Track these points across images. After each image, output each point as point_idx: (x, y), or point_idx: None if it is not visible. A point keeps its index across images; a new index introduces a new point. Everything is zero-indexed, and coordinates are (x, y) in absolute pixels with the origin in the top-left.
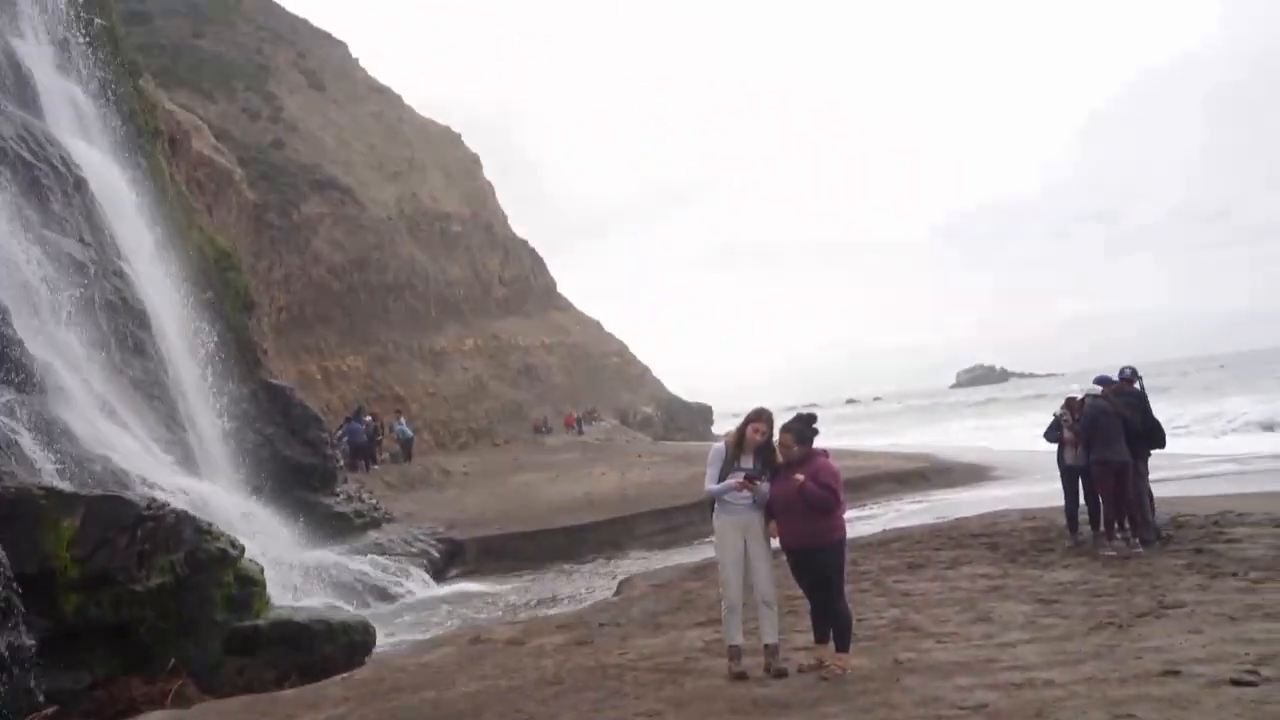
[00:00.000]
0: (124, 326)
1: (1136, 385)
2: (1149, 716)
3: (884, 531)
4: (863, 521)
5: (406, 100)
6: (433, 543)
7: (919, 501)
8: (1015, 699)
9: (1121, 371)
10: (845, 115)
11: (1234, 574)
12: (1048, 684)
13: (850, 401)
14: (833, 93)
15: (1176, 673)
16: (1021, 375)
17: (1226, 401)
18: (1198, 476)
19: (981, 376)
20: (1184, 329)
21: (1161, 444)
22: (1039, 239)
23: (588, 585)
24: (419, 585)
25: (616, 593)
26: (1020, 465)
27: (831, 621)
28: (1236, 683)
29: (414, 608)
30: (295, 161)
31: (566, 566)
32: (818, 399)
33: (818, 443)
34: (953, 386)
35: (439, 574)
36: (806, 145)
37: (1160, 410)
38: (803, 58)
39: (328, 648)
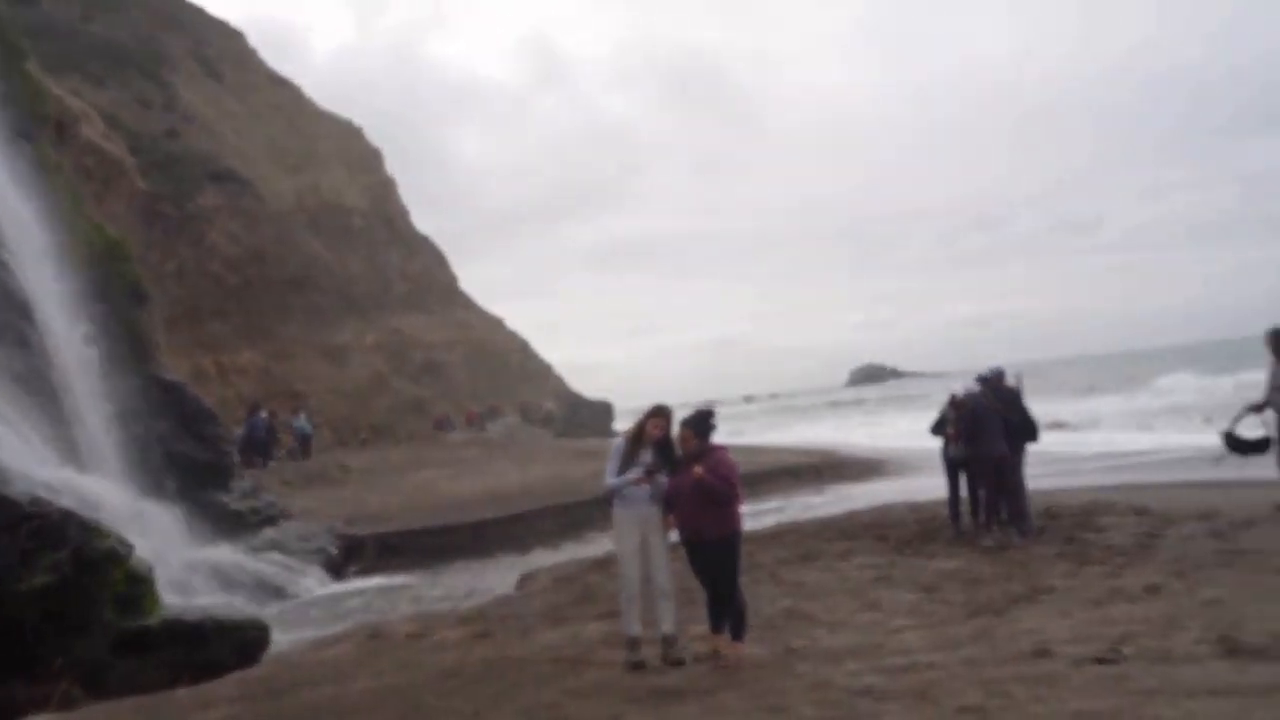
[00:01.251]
0: (5, 319)
1: (1014, 383)
2: (1021, 694)
3: (779, 524)
4: (759, 515)
5: (307, 93)
6: (331, 539)
7: (813, 495)
8: (900, 681)
9: (991, 371)
10: (747, 115)
11: (1099, 560)
12: (930, 666)
13: (748, 399)
14: (735, 93)
15: (1047, 653)
16: (911, 374)
17: (1098, 399)
18: (1070, 470)
19: (873, 375)
20: (1061, 331)
21: (1036, 439)
22: (928, 245)
23: (489, 580)
24: (317, 582)
25: (518, 587)
26: (909, 460)
27: (727, 612)
28: (1100, 661)
29: (312, 605)
30: (191, 152)
31: (468, 562)
32: (717, 396)
33: (716, 438)
34: (846, 385)
35: (338, 571)
36: (709, 145)
37: (1035, 407)
38: (707, 57)
39: (221, 647)
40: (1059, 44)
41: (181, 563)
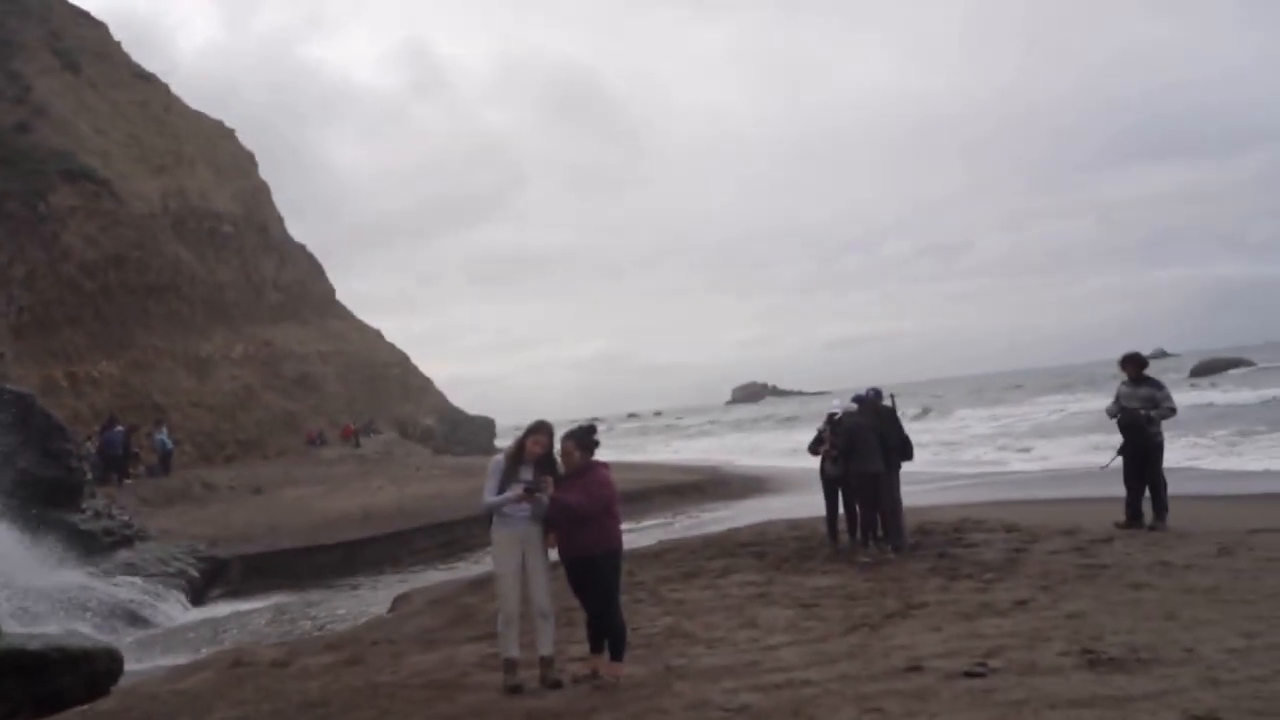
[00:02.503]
0: None
1: (889, 403)
2: (894, 709)
3: (660, 542)
4: (641, 532)
5: (175, 90)
6: (192, 561)
7: (695, 513)
8: (776, 699)
9: (868, 390)
10: (627, 132)
11: (970, 575)
12: (805, 683)
13: (632, 415)
14: (615, 110)
15: (919, 668)
16: (791, 392)
17: (969, 417)
18: (943, 487)
19: (755, 393)
20: (933, 352)
21: (910, 457)
22: (805, 265)
23: (361, 602)
24: (176, 607)
25: (391, 609)
26: (789, 478)
27: (607, 631)
28: (969, 674)
29: (171, 632)
30: (43, 147)
31: (339, 584)
32: (601, 412)
33: (601, 455)
34: (729, 403)
35: (199, 595)
36: (590, 161)
37: (910, 426)
38: (587, 73)
39: (66, 678)
40: (931, 75)
41: (25, 588)
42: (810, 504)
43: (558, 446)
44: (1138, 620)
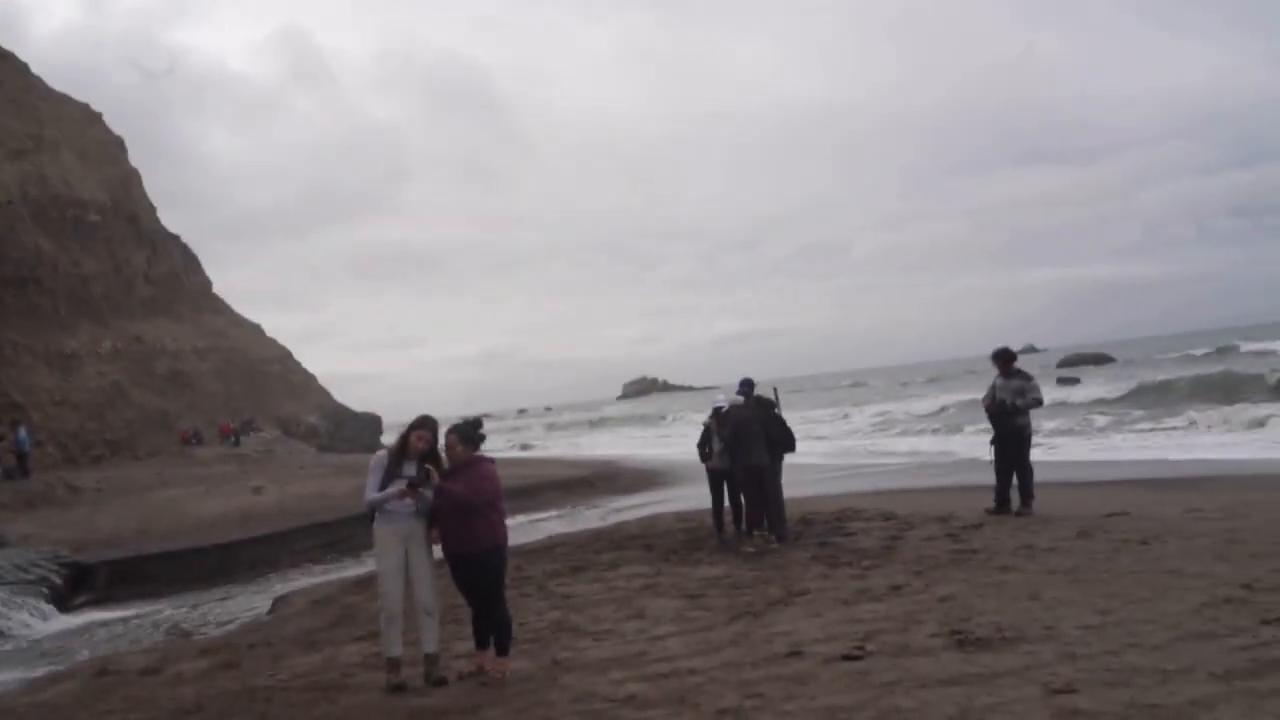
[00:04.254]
0: None
1: (770, 396)
2: (774, 693)
3: (549, 537)
4: (530, 527)
5: (35, 70)
6: (54, 568)
7: (584, 507)
8: (662, 688)
9: (742, 382)
10: (517, 129)
11: (849, 563)
12: (691, 672)
13: (522, 411)
14: (504, 105)
15: (799, 653)
16: (681, 387)
17: (853, 410)
18: (825, 478)
19: (645, 388)
20: (818, 346)
21: (792, 449)
22: (693, 263)
23: (239, 606)
24: (36, 616)
25: (270, 611)
26: (677, 471)
27: (492, 627)
28: (847, 658)
29: (31, 642)
30: None
31: (216, 587)
32: (490, 408)
33: (491, 451)
34: (620, 398)
35: (63, 603)
36: (478, 156)
37: (794, 418)
38: (475, 69)
39: None
40: (814, 77)
41: None
42: (698, 496)
43: (442, 442)
44: (1004, 601)
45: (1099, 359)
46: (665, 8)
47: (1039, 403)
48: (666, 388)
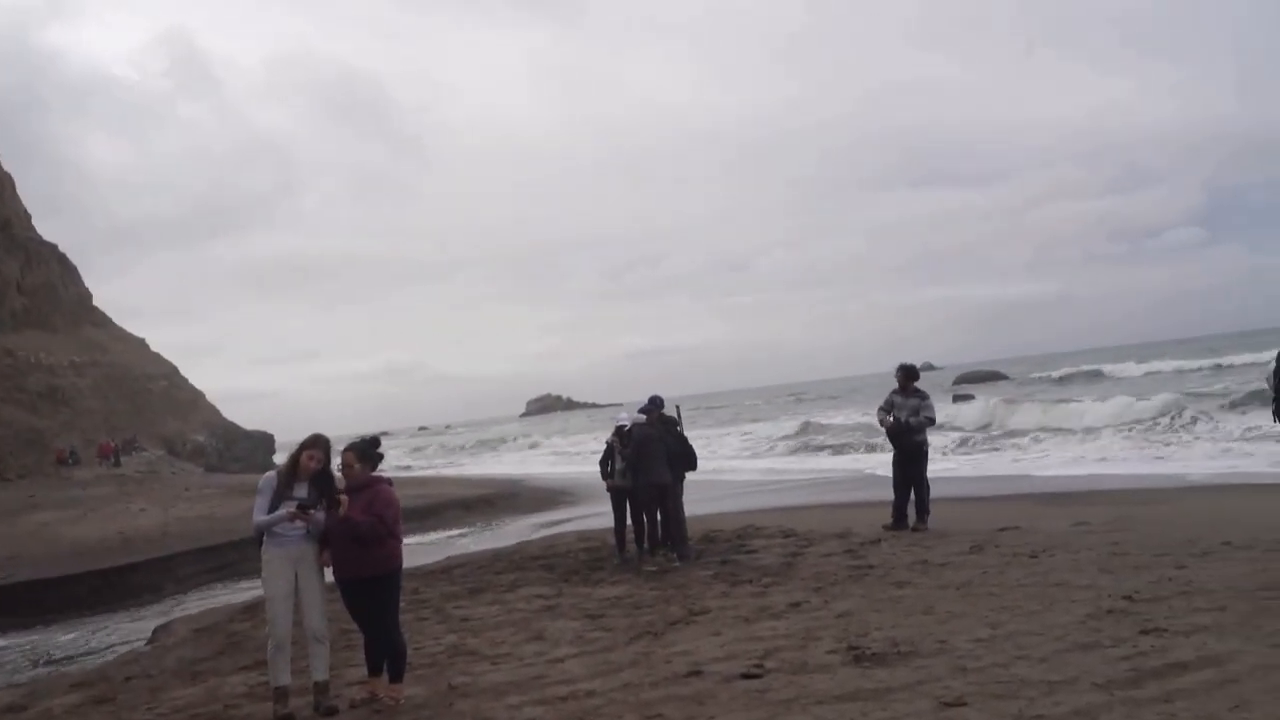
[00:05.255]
0: None
1: (673, 414)
2: (673, 714)
3: (448, 558)
4: (428, 548)
5: None
6: None
7: (486, 528)
8: (560, 711)
9: (649, 401)
10: (415, 139)
11: (750, 580)
12: (590, 694)
13: (422, 428)
14: (401, 116)
15: (699, 672)
16: (586, 404)
17: (756, 427)
18: (727, 495)
19: (550, 405)
20: (722, 363)
21: (694, 467)
22: (598, 277)
23: (117, 636)
24: None
25: (150, 641)
26: (580, 489)
27: (386, 652)
28: (746, 676)
29: None
30: None
31: (92, 617)
32: (389, 425)
33: (390, 469)
34: (523, 415)
35: None
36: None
37: (697, 436)
38: (370, 78)
39: None
40: (719, 92)
41: None
42: (601, 515)
43: (336, 461)
44: (899, 616)
45: (992, 376)
46: (565, 21)
47: (932, 421)
48: (571, 405)
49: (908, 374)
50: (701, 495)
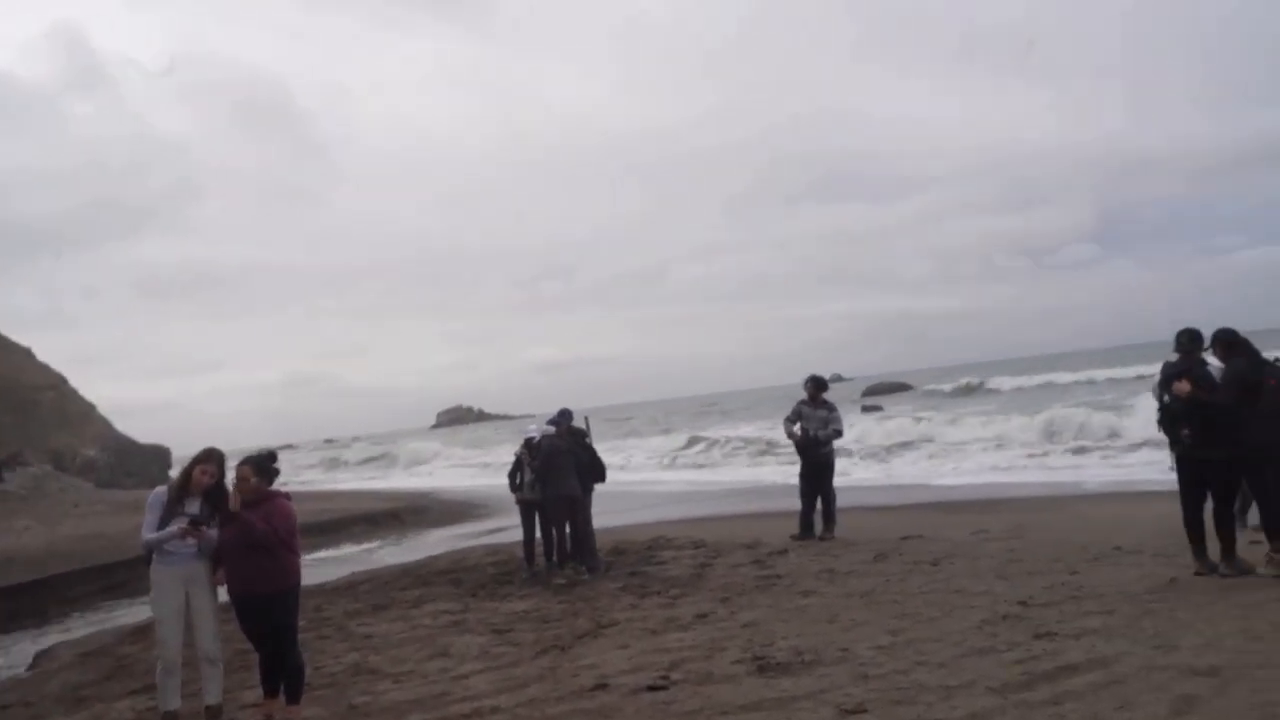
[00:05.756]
0: None
1: (582, 426)
2: None
3: (352, 574)
4: (332, 564)
5: None
6: None
7: (394, 542)
8: None
9: (559, 413)
10: (321, 145)
11: (659, 592)
12: (494, 710)
13: (329, 441)
14: (306, 121)
15: (605, 685)
16: (498, 416)
17: (670, 438)
18: (638, 505)
19: (461, 417)
20: (636, 375)
21: (602, 479)
22: (508, 288)
23: None
24: None
25: (31, 666)
26: (491, 502)
27: (283, 673)
28: (652, 688)
29: None
30: None
31: None
32: (295, 438)
33: (295, 483)
34: (434, 426)
35: None
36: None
37: (605, 447)
38: (274, 81)
39: None
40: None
41: None
42: (512, 529)
43: (233, 475)
44: (804, 625)
45: (899, 387)
46: (478, 28)
47: (840, 434)
48: (483, 416)
49: (817, 385)
50: (612, 507)
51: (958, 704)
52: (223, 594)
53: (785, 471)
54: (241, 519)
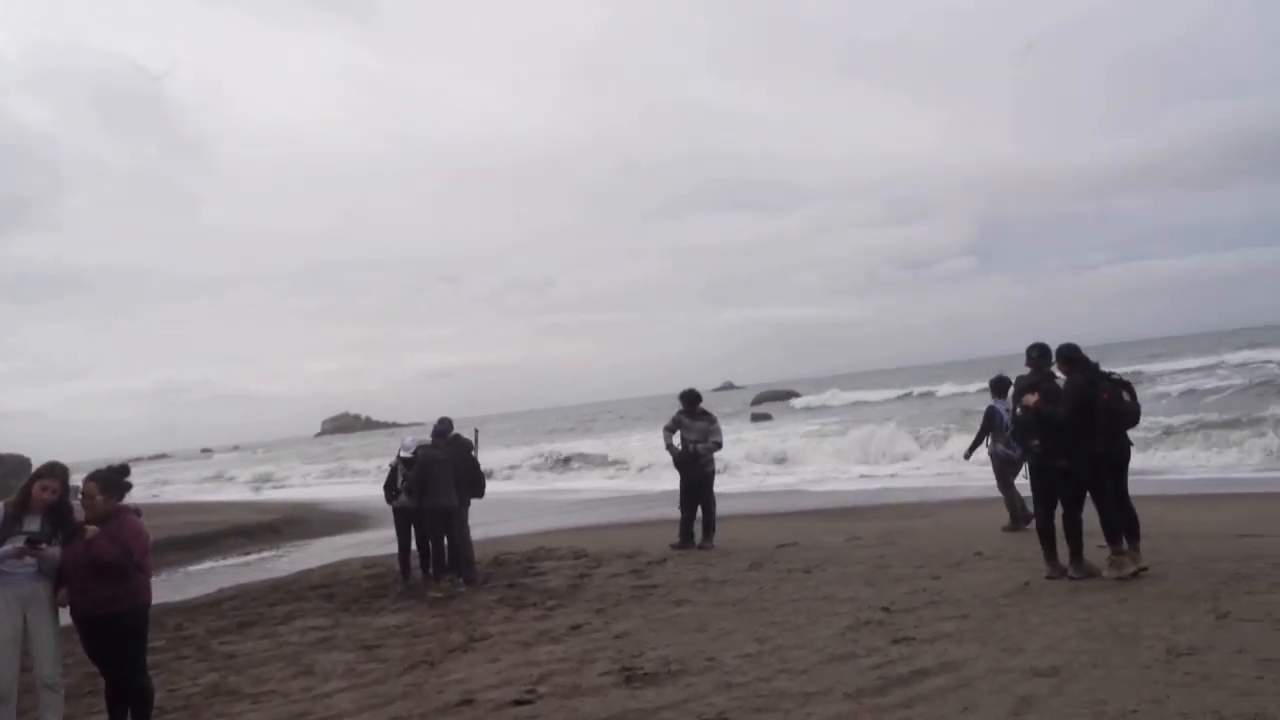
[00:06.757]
0: None
1: (469, 436)
2: None
3: (220, 590)
4: (200, 579)
5: None
6: None
7: (268, 556)
8: None
9: (440, 422)
10: (196, 145)
11: (535, 604)
12: None
13: (206, 451)
14: (182, 120)
15: (471, 701)
16: (385, 424)
17: (551, 445)
18: (520, 515)
19: (347, 424)
20: (526, 382)
21: (480, 494)
22: (395, 294)
23: None
24: None
25: None
26: (372, 513)
27: (130, 698)
28: (518, 702)
29: None
30: None
31: None
32: (169, 448)
33: (169, 495)
34: (318, 434)
35: None
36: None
37: (488, 457)
38: (148, 78)
39: None
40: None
41: None
42: (391, 540)
43: (80, 491)
44: (675, 635)
45: (787, 395)
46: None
47: (719, 445)
48: (370, 424)
49: (690, 400)
50: (495, 516)
51: (814, 710)
52: (65, 615)
53: (658, 479)
54: (89, 540)
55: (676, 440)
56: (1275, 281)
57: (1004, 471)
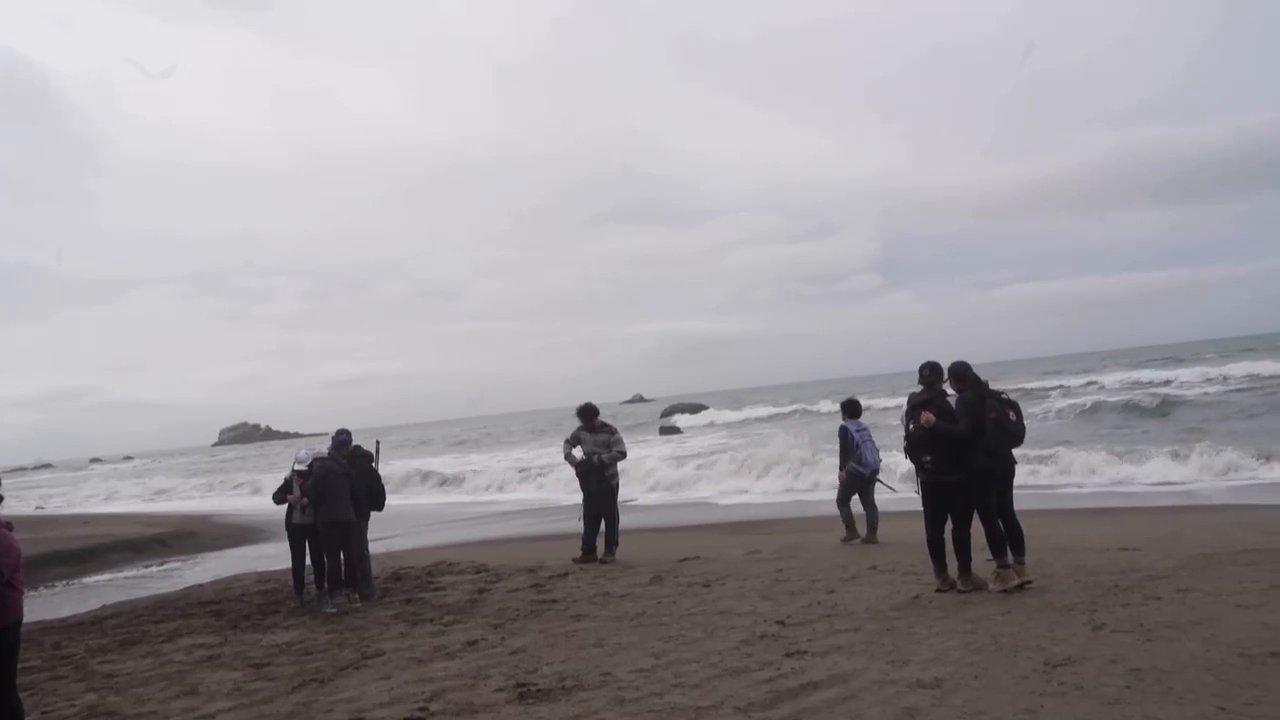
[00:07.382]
0: None
1: (370, 448)
2: None
3: (103, 606)
4: (80, 595)
5: None
6: None
7: (156, 570)
8: None
9: (338, 434)
10: (90, 144)
11: (432, 619)
12: None
13: (95, 461)
14: (74, 117)
15: (361, 719)
16: (286, 434)
17: (466, 457)
18: (422, 528)
19: (247, 434)
20: (433, 392)
21: (380, 507)
22: (297, 302)
23: None
24: None
25: None
26: (269, 526)
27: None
28: None
29: None
30: None
31: None
32: (55, 457)
33: (47, 507)
34: (216, 444)
35: None
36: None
37: (401, 469)
38: (37, 74)
39: None
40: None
41: None
42: (287, 554)
43: None
44: (572, 650)
45: (696, 408)
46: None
47: (622, 455)
48: (270, 434)
49: (586, 414)
50: (396, 529)
51: None
52: None
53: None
54: None
55: (578, 452)
56: (1164, 305)
57: (850, 487)
